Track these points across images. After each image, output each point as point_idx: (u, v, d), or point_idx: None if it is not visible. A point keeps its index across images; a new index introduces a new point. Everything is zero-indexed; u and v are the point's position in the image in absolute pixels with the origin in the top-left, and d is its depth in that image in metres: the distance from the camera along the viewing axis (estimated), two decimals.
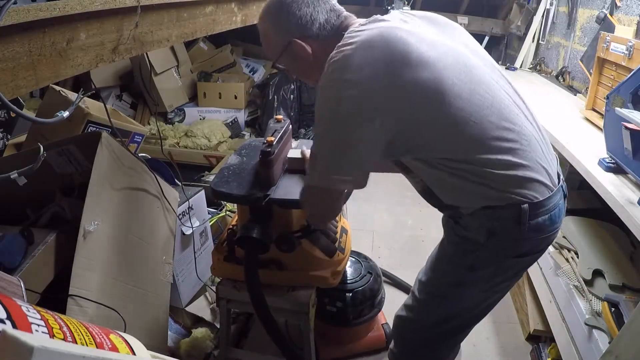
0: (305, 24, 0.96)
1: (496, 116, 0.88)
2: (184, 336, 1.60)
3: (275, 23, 0.98)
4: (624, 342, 0.99)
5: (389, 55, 0.84)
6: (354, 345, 1.69)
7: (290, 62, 1.03)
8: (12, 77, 0.75)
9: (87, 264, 1.05)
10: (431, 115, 0.87)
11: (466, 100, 0.86)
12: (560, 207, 0.97)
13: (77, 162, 1.30)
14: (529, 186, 0.90)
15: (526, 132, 0.92)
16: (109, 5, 0.90)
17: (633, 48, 1.51)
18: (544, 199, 0.91)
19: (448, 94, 0.85)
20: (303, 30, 0.96)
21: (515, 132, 0.90)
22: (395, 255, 2.39)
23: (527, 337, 1.79)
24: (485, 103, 0.88)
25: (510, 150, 0.89)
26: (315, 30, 0.96)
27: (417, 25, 0.93)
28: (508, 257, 0.97)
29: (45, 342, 0.37)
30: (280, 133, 1.24)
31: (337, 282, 1.31)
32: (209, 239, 1.80)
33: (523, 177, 0.90)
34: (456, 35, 0.98)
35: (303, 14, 0.95)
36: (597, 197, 1.33)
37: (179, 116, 3.38)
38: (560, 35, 2.90)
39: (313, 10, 0.96)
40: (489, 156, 0.88)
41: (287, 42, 0.98)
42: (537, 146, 0.94)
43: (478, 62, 0.94)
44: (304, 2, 0.95)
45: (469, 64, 0.90)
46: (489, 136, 0.88)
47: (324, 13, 0.97)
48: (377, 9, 3.99)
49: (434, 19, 1.00)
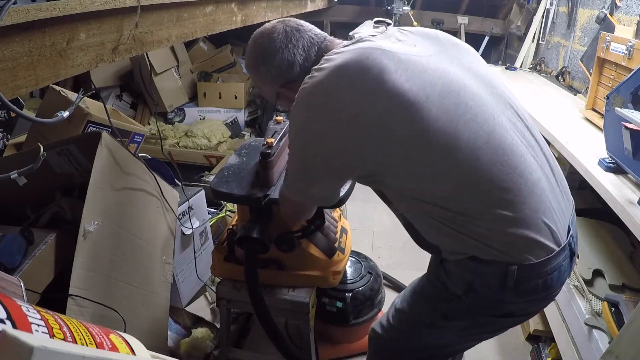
0: (284, 70, 0.92)
1: (490, 157, 0.76)
2: (184, 336, 1.60)
3: (259, 75, 0.96)
4: (624, 342, 0.99)
5: (359, 83, 0.76)
6: (354, 345, 1.68)
7: (287, 105, 0.98)
8: (12, 77, 0.75)
9: (87, 264, 1.05)
10: (404, 152, 0.78)
11: (452, 138, 0.75)
12: (563, 269, 0.83)
13: (77, 162, 1.30)
14: (521, 246, 0.78)
15: (530, 179, 0.78)
16: (109, 5, 0.90)
17: (633, 48, 1.51)
18: (539, 261, 0.78)
19: (427, 130, 0.75)
20: (285, 77, 0.93)
21: (513, 179, 0.76)
22: (395, 255, 2.39)
23: (527, 337, 1.78)
24: (478, 142, 0.76)
25: (503, 202, 0.76)
26: (296, 73, 0.92)
27: (412, 44, 0.85)
28: (486, 315, 0.88)
29: (45, 342, 0.37)
30: (280, 134, 1.24)
31: (337, 282, 1.31)
32: (209, 239, 1.80)
33: (515, 234, 0.77)
34: (459, 56, 0.87)
35: (279, 62, 0.91)
36: (597, 197, 1.33)
37: (179, 116, 3.38)
38: (560, 35, 2.90)
39: (289, 54, 0.90)
40: (475, 205, 0.77)
41: (276, 91, 0.97)
42: (544, 197, 0.80)
43: (479, 90, 0.82)
44: (277, 48, 0.90)
45: (465, 94, 0.78)
46: (475, 181, 0.76)
47: (301, 51, 0.91)
48: (377, 9, 4.00)
49: (434, 36, 0.90)
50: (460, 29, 3.91)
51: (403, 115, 0.75)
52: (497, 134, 0.78)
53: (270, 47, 0.91)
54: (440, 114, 0.75)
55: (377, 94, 0.75)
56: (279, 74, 0.93)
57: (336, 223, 1.44)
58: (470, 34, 3.93)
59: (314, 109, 0.80)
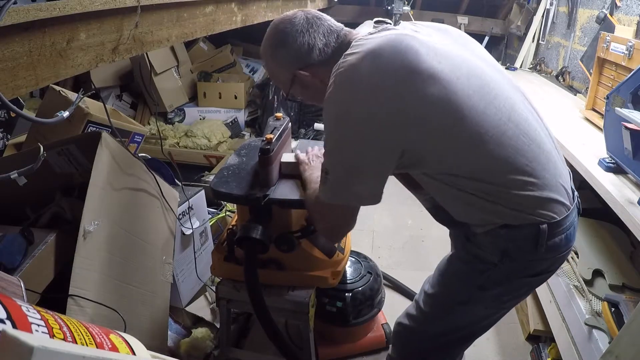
0: (304, 53, 0.94)
1: (513, 132, 0.84)
2: (184, 336, 1.60)
3: (276, 60, 0.97)
4: (624, 342, 0.99)
5: (398, 64, 0.79)
6: (354, 345, 1.69)
7: (301, 92, 1.02)
8: (12, 77, 0.75)
9: (87, 264, 1.05)
10: (443, 129, 0.83)
11: (481, 114, 0.82)
12: (575, 225, 0.94)
13: (77, 162, 1.30)
14: (548, 206, 0.86)
15: (545, 149, 0.88)
16: (109, 5, 0.90)
17: (633, 48, 1.51)
18: (562, 218, 0.88)
19: (461, 108, 0.80)
20: (303, 60, 0.94)
21: (533, 149, 0.86)
22: (395, 255, 2.39)
23: (527, 337, 1.78)
24: (503, 118, 0.84)
25: (527, 169, 0.85)
26: (315, 57, 0.94)
27: (428, 35, 0.90)
28: (519, 277, 0.95)
29: (45, 342, 0.37)
30: (280, 131, 1.24)
31: (336, 282, 1.31)
32: (209, 239, 1.80)
33: (541, 197, 0.86)
34: (470, 47, 0.95)
35: (300, 44, 0.93)
36: (597, 197, 1.33)
37: (179, 116, 3.38)
38: (560, 35, 2.90)
39: (309, 38, 0.93)
40: (506, 175, 0.85)
41: (292, 75, 0.97)
42: (557, 163, 0.90)
43: (495, 75, 0.90)
44: (298, 32, 0.93)
45: (485, 77, 0.86)
46: (505, 153, 0.83)
47: (321, 37, 0.94)
48: (377, 9, 4.00)
49: (446, 30, 0.97)
50: (460, 29, 3.89)
51: (441, 93, 0.80)
52: (516, 111, 0.87)
53: (292, 30, 0.93)
54: (470, 93, 0.82)
55: (416, 74, 0.79)
56: (298, 57, 0.94)
57: None
58: (470, 34, 3.88)
59: (353, 92, 0.81)
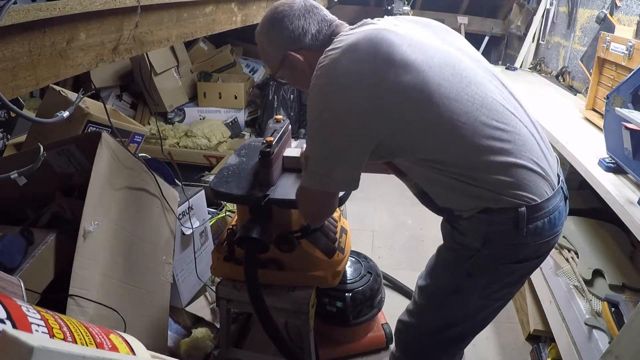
0: (298, 36, 0.99)
1: (486, 117, 0.88)
2: (184, 336, 1.60)
3: (270, 38, 1.02)
4: (624, 342, 0.99)
5: (372, 56, 0.85)
6: (354, 345, 1.69)
7: (288, 75, 1.06)
8: (12, 77, 0.75)
9: (87, 264, 1.05)
10: (417, 116, 0.87)
11: (453, 101, 0.86)
12: (561, 210, 0.95)
13: (77, 162, 1.30)
14: (526, 187, 0.89)
15: (522, 132, 0.91)
16: (109, 5, 0.90)
17: (633, 48, 1.51)
18: (543, 200, 0.90)
19: (434, 95, 0.85)
20: (296, 43, 0.99)
21: (508, 132, 0.89)
22: (395, 255, 2.39)
23: (527, 337, 1.79)
24: (475, 104, 0.87)
25: (504, 151, 0.88)
26: (307, 42, 0.99)
27: (406, 28, 0.94)
28: (504, 263, 0.96)
29: (45, 342, 0.37)
30: (280, 133, 1.24)
31: (336, 282, 1.31)
32: (209, 239, 1.80)
33: (519, 177, 0.88)
34: (448, 39, 0.99)
35: (295, 27, 0.98)
36: (597, 197, 1.33)
37: (179, 116, 3.38)
38: (560, 35, 2.90)
39: (304, 22, 0.99)
40: (482, 157, 0.88)
41: (283, 55, 1.00)
42: (535, 146, 0.93)
43: (470, 64, 0.94)
44: (295, 15, 0.98)
45: (459, 66, 0.90)
46: (480, 137, 0.87)
47: (315, 24, 1.00)
48: (377, 9, 4.00)
49: (426, 23, 1.01)
50: (460, 29, 3.91)
51: (413, 82, 0.84)
52: (489, 97, 0.90)
53: (289, 13, 0.99)
54: (442, 81, 0.86)
55: (389, 64, 0.84)
56: (290, 39, 0.99)
57: (336, 223, 1.44)
58: (470, 34, 3.93)
59: (333, 83, 0.86)
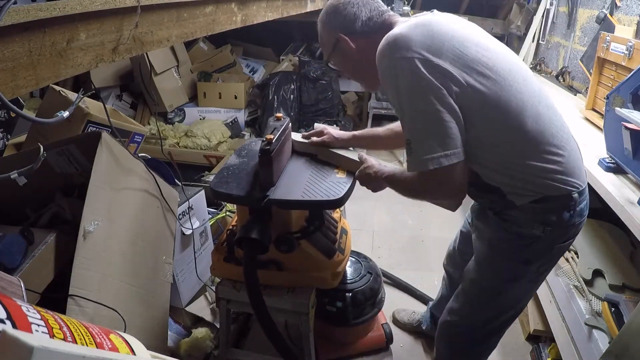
0: (349, 21, 1.06)
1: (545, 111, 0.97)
2: (184, 336, 1.60)
3: (325, 24, 1.11)
4: (624, 342, 0.99)
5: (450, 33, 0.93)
6: (354, 345, 1.68)
7: (340, 61, 1.14)
8: (12, 77, 0.75)
9: (87, 264, 1.05)
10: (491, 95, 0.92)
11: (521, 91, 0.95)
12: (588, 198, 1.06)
13: (77, 162, 1.30)
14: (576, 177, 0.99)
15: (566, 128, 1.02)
16: (109, 5, 0.90)
17: (633, 48, 1.51)
18: (584, 187, 1.02)
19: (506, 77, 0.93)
20: (347, 27, 1.07)
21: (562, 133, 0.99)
22: (395, 255, 2.39)
23: (527, 337, 1.79)
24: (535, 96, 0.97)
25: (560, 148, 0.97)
26: (358, 27, 1.06)
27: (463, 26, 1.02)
28: (557, 244, 1.05)
29: (45, 342, 0.37)
30: (280, 131, 1.24)
31: (336, 282, 1.31)
32: (209, 239, 1.80)
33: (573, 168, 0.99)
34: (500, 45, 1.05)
35: (347, 13, 1.07)
36: (597, 197, 1.33)
37: (179, 116, 3.38)
38: (560, 35, 2.90)
39: (357, 10, 1.07)
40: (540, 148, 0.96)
41: (335, 39, 1.08)
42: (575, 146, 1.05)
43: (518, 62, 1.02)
44: (350, 3, 1.07)
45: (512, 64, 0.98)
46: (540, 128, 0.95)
47: (367, 12, 1.07)
48: None
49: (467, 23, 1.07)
50: None
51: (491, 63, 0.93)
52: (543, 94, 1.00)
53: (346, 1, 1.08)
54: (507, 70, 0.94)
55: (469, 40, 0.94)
56: (343, 23, 1.07)
57: (336, 223, 1.44)
58: None
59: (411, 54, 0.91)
